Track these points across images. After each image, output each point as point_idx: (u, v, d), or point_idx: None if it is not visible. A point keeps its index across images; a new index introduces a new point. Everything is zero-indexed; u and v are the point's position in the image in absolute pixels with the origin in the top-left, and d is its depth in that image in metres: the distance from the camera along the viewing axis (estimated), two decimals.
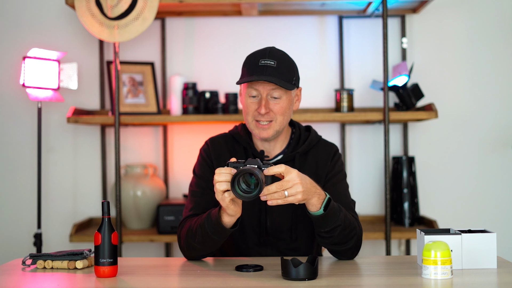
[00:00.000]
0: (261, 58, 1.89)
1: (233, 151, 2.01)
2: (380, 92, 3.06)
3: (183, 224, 1.93)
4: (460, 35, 3.13)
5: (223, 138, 2.05)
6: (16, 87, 3.13)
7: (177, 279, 1.72)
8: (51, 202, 3.15)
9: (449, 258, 1.58)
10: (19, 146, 3.15)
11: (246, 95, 1.93)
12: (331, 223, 1.76)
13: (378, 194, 3.15)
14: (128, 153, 3.15)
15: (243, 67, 1.94)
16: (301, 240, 1.98)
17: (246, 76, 1.91)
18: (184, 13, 3.11)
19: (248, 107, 1.92)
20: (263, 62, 1.88)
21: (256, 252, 1.97)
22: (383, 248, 3.10)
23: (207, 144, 2.05)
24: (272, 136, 1.93)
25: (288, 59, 1.94)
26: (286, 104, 1.92)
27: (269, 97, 1.90)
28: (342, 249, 1.84)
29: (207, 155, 2.02)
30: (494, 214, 3.11)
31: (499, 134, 3.11)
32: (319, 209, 1.74)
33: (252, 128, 1.94)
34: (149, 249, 3.16)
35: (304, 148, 1.99)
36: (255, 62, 1.90)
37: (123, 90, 2.99)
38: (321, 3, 2.90)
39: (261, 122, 1.91)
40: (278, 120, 1.91)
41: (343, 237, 1.80)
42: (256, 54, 1.93)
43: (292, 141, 2.02)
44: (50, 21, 3.15)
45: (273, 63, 1.88)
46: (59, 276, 1.71)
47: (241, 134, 2.02)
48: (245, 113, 1.95)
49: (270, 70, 1.87)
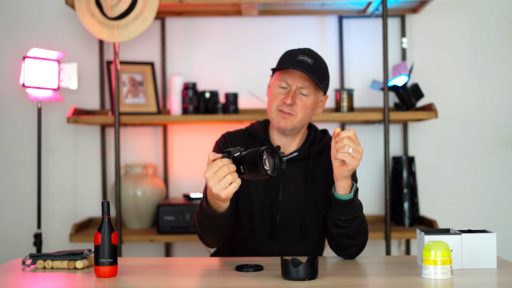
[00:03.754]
0: (300, 54, 1.94)
1: (250, 146, 2.02)
2: (380, 92, 3.06)
3: None
4: (460, 35, 3.13)
5: (241, 133, 2.08)
6: (16, 87, 3.13)
7: (177, 279, 1.71)
8: (51, 202, 3.15)
9: (449, 258, 1.58)
10: (19, 146, 3.15)
11: (276, 86, 1.96)
12: (353, 212, 1.80)
13: (378, 194, 3.15)
14: (128, 153, 3.15)
15: (280, 60, 1.98)
16: (310, 237, 1.99)
17: (282, 65, 1.95)
18: (184, 13, 3.11)
19: (276, 96, 1.96)
20: (301, 57, 1.92)
21: (264, 247, 1.98)
22: (383, 248, 3.10)
23: (224, 137, 2.07)
24: (289, 128, 1.96)
25: (324, 63, 1.98)
26: (311, 103, 1.95)
27: (298, 91, 1.94)
28: (353, 243, 1.85)
29: (224, 145, 2.04)
30: (494, 214, 3.11)
31: (499, 134, 3.11)
32: (349, 193, 1.77)
33: (273, 118, 1.97)
34: (149, 249, 3.16)
35: (319, 148, 2.02)
36: (293, 56, 1.94)
37: (123, 90, 2.99)
38: (321, 3, 2.90)
39: (284, 111, 1.94)
40: (298, 116, 1.94)
41: (358, 230, 1.83)
42: (295, 50, 1.97)
43: (307, 140, 2.05)
44: (50, 21, 3.15)
45: (310, 61, 1.92)
46: (59, 276, 1.71)
47: (258, 130, 2.05)
48: (269, 103, 1.98)
49: (306, 65, 1.91)
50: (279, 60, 2.00)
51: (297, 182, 1.99)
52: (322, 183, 1.98)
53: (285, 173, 1.99)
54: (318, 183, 1.99)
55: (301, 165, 2.00)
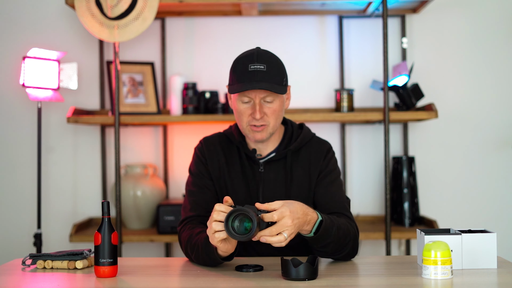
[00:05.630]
0: (250, 63, 1.86)
1: (227, 150, 2.02)
2: (380, 92, 3.06)
3: (184, 227, 1.93)
4: (460, 35, 3.13)
5: (217, 138, 2.06)
6: (16, 87, 3.13)
7: (177, 279, 1.71)
8: (51, 202, 3.15)
9: (449, 258, 1.58)
10: (19, 146, 3.15)
11: (238, 101, 1.92)
12: (322, 241, 1.75)
13: (378, 194, 3.15)
14: (128, 153, 3.15)
15: (232, 73, 1.92)
16: (295, 237, 1.98)
17: (236, 83, 1.88)
18: (184, 13, 3.11)
19: (242, 113, 1.91)
20: (252, 67, 1.86)
21: (255, 249, 1.97)
22: (383, 248, 3.09)
23: (201, 143, 2.06)
24: (266, 138, 1.94)
25: (276, 60, 1.92)
26: (279, 106, 1.91)
27: (262, 101, 1.89)
28: (338, 256, 1.84)
29: (201, 153, 2.03)
30: (494, 214, 3.11)
31: (499, 134, 3.11)
32: (310, 233, 1.74)
33: (246, 133, 1.94)
34: (149, 249, 3.15)
35: (296, 145, 1.99)
36: (244, 67, 1.87)
37: (123, 90, 2.99)
38: (321, 3, 2.90)
39: (256, 125, 1.91)
40: (271, 124, 1.91)
41: (336, 248, 1.80)
42: (244, 59, 1.89)
43: (284, 139, 2.02)
44: (50, 21, 3.15)
45: (262, 67, 1.85)
46: (59, 276, 1.71)
47: (234, 133, 2.02)
48: (238, 118, 1.94)
49: (261, 75, 1.85)
50: (231, 73, 1.92)
51: (277, 183, 1.97)
52: (303, 181, 1.97)
53: (263, 176, 1.98)
54: (297, 181, 1.97)
55: (280, 165, 1.98)
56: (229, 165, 2.00)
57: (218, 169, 2.00)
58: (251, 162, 2.00)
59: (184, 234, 1.89)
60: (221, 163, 2.00)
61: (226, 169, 1.99)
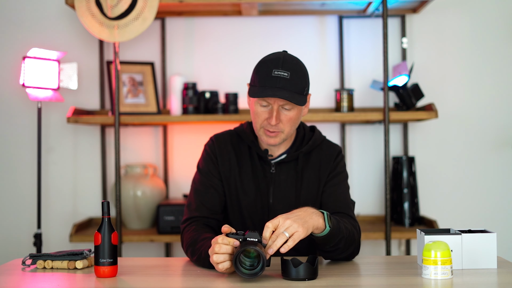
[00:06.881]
0: (274, 68, 1.85)
1: (238, 149, 2.01)
2: (380, 92, 3.06)
3: (188, 227, 1.92)
4: (460, 35, 3.13)
5: (228, 135, 2.04)
6: (16, 87, 3.13)
7: (177, 279, 1.71)
8: (51, 202, 3.15)
9: (449, 258, 1.58)
10: (19, 146, 3.15)
11: (256, 103, 1.90)
12: (336, 236, 1.74)
13: (378, 194, 3.15)
14: (128, 153, 3.15)
15: (255, 74, 1.90)
16: (302, 239, 1.98)
17: (258, 85, 1.86)
18: (184, 13, 3.11)
19: (259, 116, 1.90)
20: (276, 72, 1.84)
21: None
22: (383, 248, 3.09)
23: (212, 140, 2.04)
24: (278, 143, 1.93)
25: (301, 68, 1.91)
26: (296, 114, 1.90)
27: (280, 107, 1.88)
28: (346, 254, 1.84)
29: (212, 151, 2.01)
30: (494, 214, 3.11)
31: (499, 134, 3.11)
32: (326, 228, 1.70)
33: (260, 135, 1.93)
34: (149, 249, 3.15)
35: (308, 148, 1.99)
36: (268, 71, 1.85)
37: (123, 90, 2.99)
38: (321, 3, 2.90)
39: (270, 130, 1.90)
40: (286, 131, 1.91)
41: (346, 245, 1.80)
42: (269, 63, 1.87)
43: (296, 141, 2.02)
44: (50, 21, 3.15)
45: (286, 75, 1.84)
46: (59, 276, 1.71)
47: (247, 132, 2.02)
48: (254, 119, 1.93)
49: (283, 82, 1.83)
50: (254, 74, 1.90)
51: (287, 184, 1.97)
52: (312, 184, 1.97)
53: (274, 176, 1.98)
54: (308, 183, 1.97)
55: (290, 167, 1.98)
56: (240, 164, 1.99)
57: (229, 168, 1.99)
58: (262, 162, 1.99)
59: (187, 235, 1.89)
60: (232, 162, 1.99)
61: (236, 168, 1.99)
